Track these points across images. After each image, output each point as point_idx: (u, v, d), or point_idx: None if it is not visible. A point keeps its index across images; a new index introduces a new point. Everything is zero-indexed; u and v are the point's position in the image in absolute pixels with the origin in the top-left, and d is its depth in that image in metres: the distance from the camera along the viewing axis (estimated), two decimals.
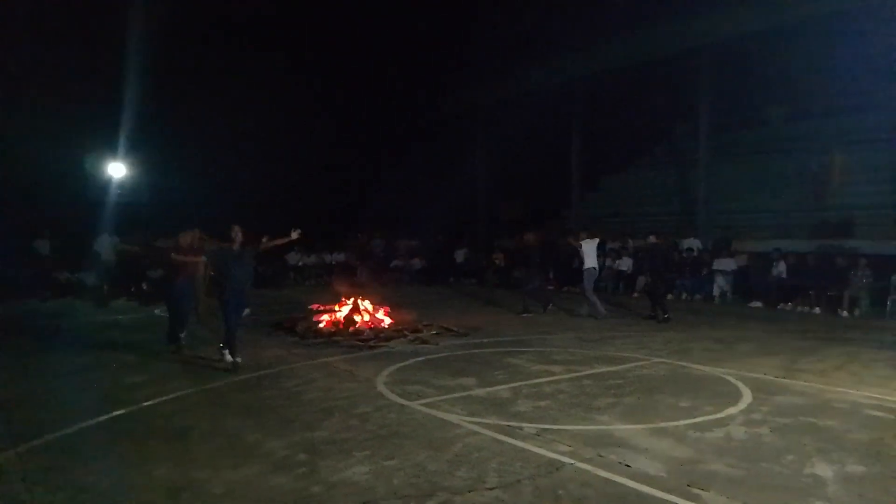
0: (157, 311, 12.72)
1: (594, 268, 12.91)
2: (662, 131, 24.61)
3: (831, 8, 16.15)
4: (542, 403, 6.42)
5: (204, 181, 21.21)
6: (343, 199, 24.98)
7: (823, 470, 4.69)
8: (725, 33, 18.18)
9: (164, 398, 6.56)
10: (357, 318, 10.64)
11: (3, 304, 14.26)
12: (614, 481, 4.44)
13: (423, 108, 25.80)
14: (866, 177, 17.58)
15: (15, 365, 8.23)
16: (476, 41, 23.62)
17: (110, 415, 5.99)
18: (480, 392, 6.88)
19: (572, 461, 4.79)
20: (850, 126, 19.08)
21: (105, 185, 20.83)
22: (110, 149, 20.58)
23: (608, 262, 18.17)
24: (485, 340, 10.09)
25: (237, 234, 8.06)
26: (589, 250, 12.88)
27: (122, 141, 20.25)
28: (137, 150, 20.92)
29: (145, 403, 6.37)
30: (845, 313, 13.31)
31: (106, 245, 16.64)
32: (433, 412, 6.07)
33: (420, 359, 8.61)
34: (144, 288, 15.17)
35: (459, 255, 21.78)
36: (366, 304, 11.06)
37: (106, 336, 10.47)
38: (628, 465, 4.72)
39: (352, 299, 11.13)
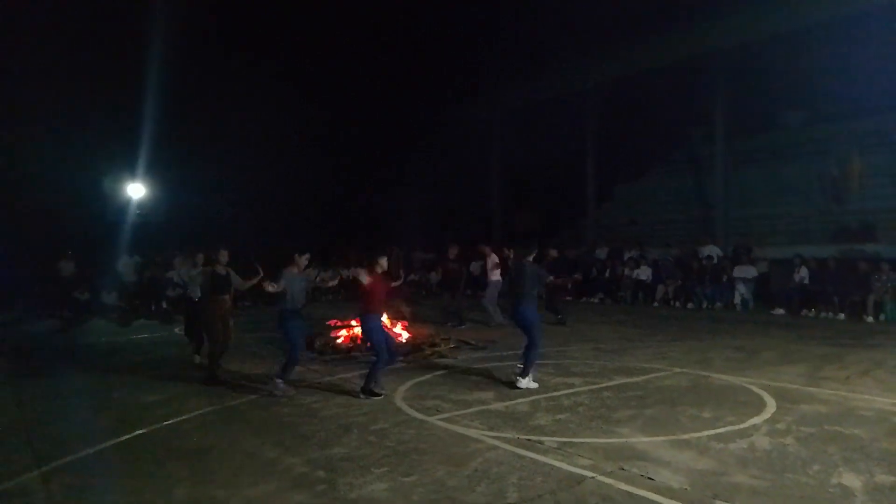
0: (176, 331, 12.82)
1: (499, 281, 13.15)
2: (678, 137, 24.48)
3: (848, 10, 16.05)
4: (562, 416, 6.36)
5: (222, 199, 21.46)
6: (359, 213, 25.13)
7: (851, 480, 4.59)
8: (741, 37, 18.11)
9: (183, 417, 6.58)
10: None
11: (25, 324, 14.46)
12: (637, 495, 4.38)
13: (436, 118, 25.92)
14: (886, 180, 17.37)
15: (36, 385, 8.32)
16: (490, 51, 23.70)
17: (131, 434, 6.01)
18: (499, 406, 6.83)
19: (594, 475, 4.73)
20: (869, 129, 18.89)
21: (125, 205, 21.14)
22: (129, 170, 20.91)
23: (626, 271, 18.07)
24: (503, 353, 10.03)
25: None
26: (496, 262, 13.20)
27: (141, 161, 20.57)
28: (155, 170, 21.23)
29: (165, 423, 6.39)
30: (870, 319, 13.09)
31: (125, 265, 16.86)
32: (452, 427, 6.04)
33: (438, 373, 8.58)
34: (164, 307, 15.30)
35: (476, 268, 21.72)
36: (383, 319, 11.03)
37: (126, 355, 10.56)
38: (651, 479, 4.65)
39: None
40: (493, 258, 13.38)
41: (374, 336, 7.40)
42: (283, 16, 22.97)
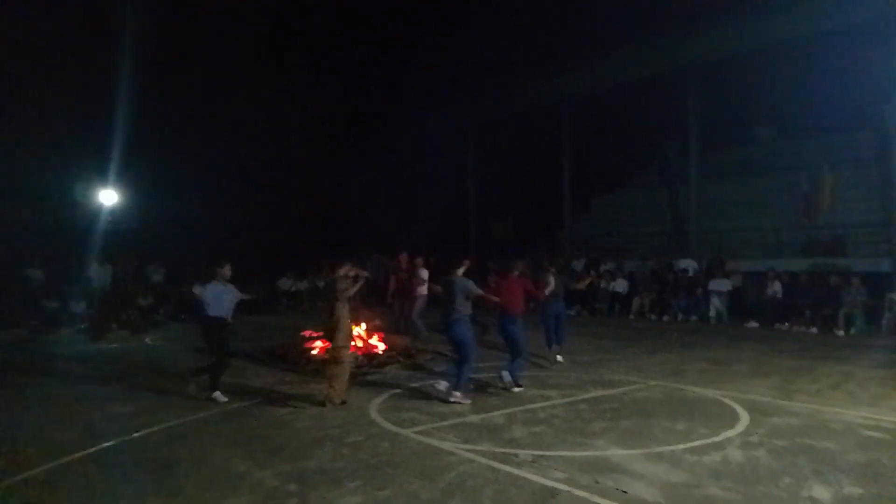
0: (147, 341, 12.61)
1: (426, 295, 13.07)
2: (653, 151, 24.75)
3: (819, 28, 16.35)
4: (537, 429, 6.35)
5: (196, 206, 21.18)
6: (335, 222, 24.95)
7: (820, 492, 4.62)
8: (714, 53, 18.38)
9: (152, 429, 6.44)
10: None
11: None
12: None
13: (413, 128, 25.93)
14: (856, 195, 17.68)
15: (1, 396, 8.10)
16: (466, 63, 23.79)
17: (98, 447, 5.87)
18: (475, 418, 6.79)
19: (568, 488, 4.71)
20: (840, 144, 19.25)
21: (96, 211, 20.76)
22: (101, 176, 20.54)
23: (602, 283, 18.15)
24: (479, 365, 9.96)
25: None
26: (423, 278, 13.09)
27: (113, 167, 20.21)
28: (128, 177, 20.88)
29: (133, 435, 6.26)
30: (841, 332, 13.27)
31: (96, 273, 16.58)
32: (427, 440, 5.99)
33: (414, 385, 8.52)
34: (132, 318, 15.01)
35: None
36: (359, 331, 10.95)
37: (95, 365, 10.34)
38: (625, 492, 4.65)
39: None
40: (423, 272, 13.18)
41: (518, 336, 8.19)
42: (255, 18, 22.77)
